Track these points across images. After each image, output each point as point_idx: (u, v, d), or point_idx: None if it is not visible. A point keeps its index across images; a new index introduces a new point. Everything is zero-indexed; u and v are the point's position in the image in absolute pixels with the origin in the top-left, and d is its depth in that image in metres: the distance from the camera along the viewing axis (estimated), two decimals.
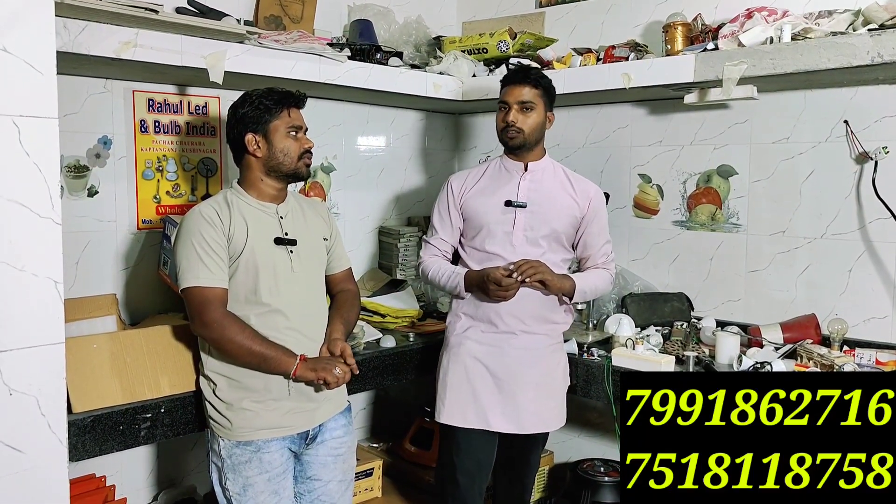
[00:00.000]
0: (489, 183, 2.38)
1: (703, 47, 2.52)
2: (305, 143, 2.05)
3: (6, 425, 1.49)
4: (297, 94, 2.06)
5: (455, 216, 2.40)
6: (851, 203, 2.54)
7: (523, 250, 2.29)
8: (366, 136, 3.36)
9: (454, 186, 2.41)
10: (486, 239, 2.33)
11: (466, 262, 2.38)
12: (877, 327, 2.50)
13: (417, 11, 3.35)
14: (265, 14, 2.80)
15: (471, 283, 2.30)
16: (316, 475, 2.10)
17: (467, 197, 2.38)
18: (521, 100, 2.28)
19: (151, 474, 2.73)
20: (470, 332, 2.34)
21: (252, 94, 2.02)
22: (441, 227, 2.43)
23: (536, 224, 2.31)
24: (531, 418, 2.31)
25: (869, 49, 2.11)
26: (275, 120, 1.99)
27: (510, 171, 2.37)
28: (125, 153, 2.57)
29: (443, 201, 2.43)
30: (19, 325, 1.49)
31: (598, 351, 2.55)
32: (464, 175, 2.45)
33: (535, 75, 2.32)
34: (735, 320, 2.77)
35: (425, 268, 2.43)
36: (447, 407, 2.31)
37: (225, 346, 1.92)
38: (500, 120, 2.33)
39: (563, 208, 2.34)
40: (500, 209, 2.32)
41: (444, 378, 2.35)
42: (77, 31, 1.99)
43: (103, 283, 2.53)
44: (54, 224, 1.52)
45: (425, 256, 2.45)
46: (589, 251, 2.41)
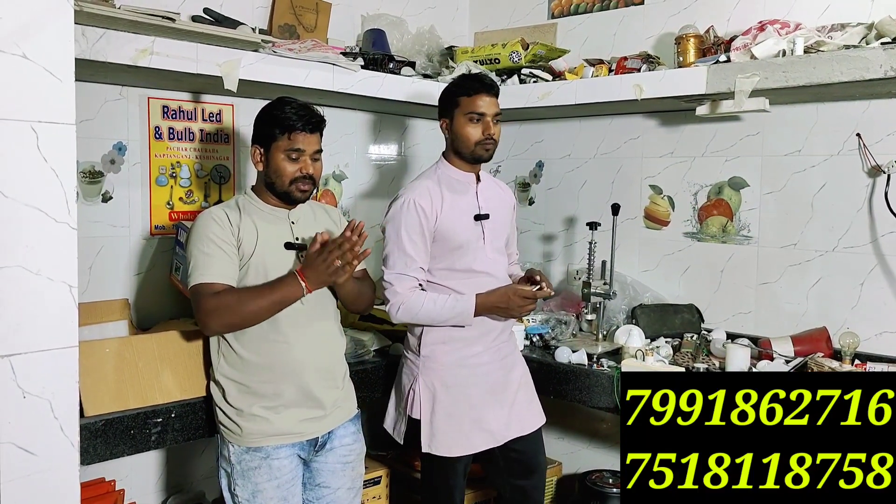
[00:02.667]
0: (451, 197, 2.23)
1: (715, 59, 2.52)
2: (306, 167, 1.98)
3: (20, 428, 1.50)
4: (313, 121, 1.99)
5: (428, 239, 2.18)
6: (864, 216, 2.53)
7: (496, 261, 2.30)
8: (377, 144, 3.37)
9: (424, 207, 2.16)
10: (468, 257, 2.22)
11: (444, 286, 2.21)
12: (889, 341, 2.49)
13: (430, 21, 3.37)
14: (279, 23, 2.82)
15: (484, 306, 2.18)
16: (325, 482, 2.10)
17: (442, 217, 2.18)
18: (496, 111, 2.24)
19: (160, 479, 2.73)
20: (466, 360, 2.24)
21: (275, 106, 2.00)
22: (416, 254, 2.16)
23: (497, 233, 2.32)
24: (530, 415, 2.36)
25: (882, 62, 2.11)
26: (277, 140, 1.97)
27: (463, 183, 2.28)
28: (139, 159, 2.59)
29: (413, 225, 2.15)
30: (34, 328, 1.50)
31: (607, 362, 2.54)
32: (425, 192, 2.20)
33: (498, 86, 2.29)
34: (745, 333, 2.76)
35: (411, 305, 2.14)
36: (455, 440, 2.21)
37: (237, 321, 1.88)
38: (474, 132, 2.20)
39: (506, 213, 2.39)
40: (471, 224, 2.24)
41: (445, 412, 2.21)
42: (95, 39, 2.02)
43: (116, 288, 2.55)
44: (70, 229, 1.53)
45: (403, 291, 2.15)
46: (511, 248, 2.48)
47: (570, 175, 3.33)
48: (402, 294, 2.16)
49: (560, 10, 3.36)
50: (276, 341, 1.98)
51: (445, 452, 2.22)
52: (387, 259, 2.21)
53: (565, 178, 3.34)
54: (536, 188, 3.48)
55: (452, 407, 2.22)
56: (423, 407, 2.23)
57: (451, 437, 2.22)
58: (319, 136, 2.04)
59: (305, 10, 2.89)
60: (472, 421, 2.24)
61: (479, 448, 2.26)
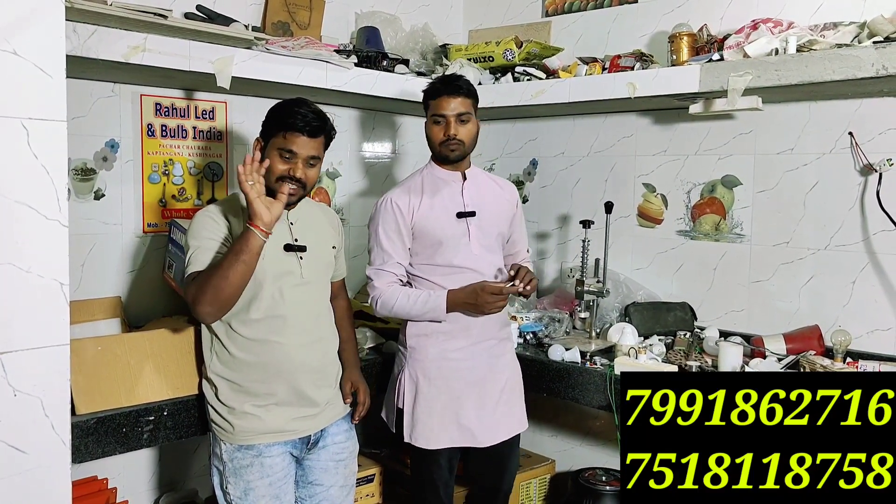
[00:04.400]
0: (432, 196, 2.29)
1: (708, 58, 2.53)
2: (295, 169, 1.94)
3: (10, 426, 1.49)
4: (314, 125, 1.96)
5: (406, 235, 2.26)
6: (856, 214, 2.54)
7: (483, 258, 2.31)
8: (371, 142, 3.37)
9: (400, 204, 2.25)
10: (448, 253, 2.26)
11: (428, 281, 2.27)
12: (880, 339, 2.50)
13: (424, 19, 3.36)
14: (273, 20, 2.82)
15: (455, 303, 2.21)
16: (317, 480, 2.10)
17: (418, 215, 2.25)
18: (459, 112, 2.25)
19: (153, 477, 2.73)
20: (447, 353, 2.27)
21: (289, 101, 1.99)
22: (393, 250, 2.25)
23: (486, 230, 2.33)
24: (508, 421, 2.35)
25: (874, 61, 2.12)
26: (276, 136, 1.96)
27: (448, 182, 2.32)
28: (132, 157, 2.58)
29: (389, 223, 2.25)
30: (24, 325, 1.50)
31: (600, 360, 2.54)
32: (404, 192, 2.29)
33: (467, 85, 2.29)
34: (738, 330, 2.77)
35: (387, 299, 2.23)
36: (434, 432, 2.25)
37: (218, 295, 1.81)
38: (437, 133, 2.26)
39: (502, 210, 2.40)
40: (454, 221, 2.27)
41: (426, 404, 2.26)
42: (87, 36, 2.01)
43: (108, 286, 2.54)
44: (61, 226, 1.53)
45: (381, 286, 2.25)
46: (517, 247, 2.49)
47: (564, 173, 3.34)
48: (380, 288, 2.26)
49: (554, 9, 3.36)
50: (268, 341, 1.97)
51: (424, 444, 2.26)
52: (369, 255, 2.32)
53: (559, 176, 3.35)
54: (530, 186, 3.48)
55: (434, 400, 2.26)
56: (405, 398, 2.29)
57: (430, 429, 2.26)
58: (322, 143, 2.00)
59: (299, 7, 2.88)
60: (452, 414, 2.27)
61: (457, 443, 2.28)
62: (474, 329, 2.28)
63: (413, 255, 2.29)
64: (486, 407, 2.30)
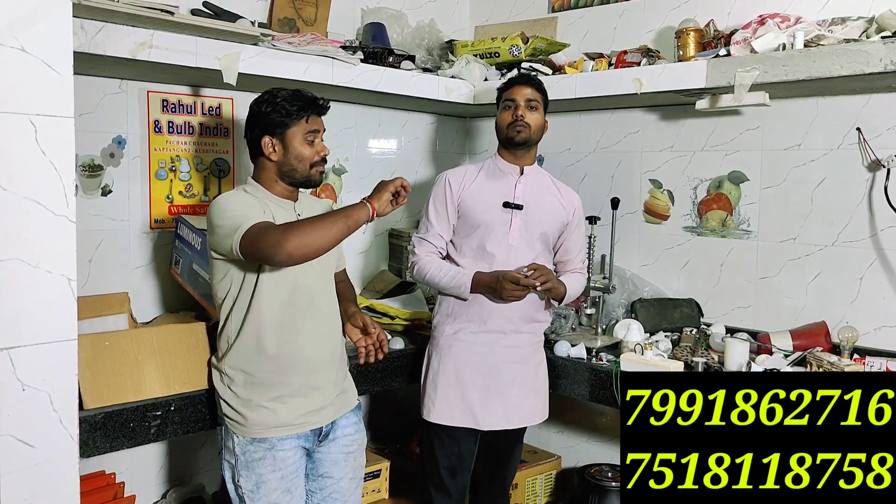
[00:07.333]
0: (486, 182, 2.39)
1: (715, 53, 2.52)
2: (321, 149, 2.02)
3: (19, 420, 1.50)
4: (320, 103, 2.03)
5: (452, 212, 2.39)
6: (863, 211, 2.53)
7: (519, 251, 2.35)
8: (377, 138, 3.37)
9: (452, 182, 2.39)
10: (484, 237, 2.35)
11: (457, 260, 2.38)
12: (888, 336, 2.49)
13: (430, 15, 3.36)
14: (279, 16, 2.82)
15: (479, 284, 2.30)
16: (328, 472, 2.11)
17: (465, 194, 2.37)
18: (529, 98, 2.35)
19: (160, 472, 2.74)
20: (461, 333, 2.36)
21: (276, 94, 1.99)
22: (437, 223, 2.40)
23: (530, 226, 2.36)
24: (518, 413, 2.38)
25: (882, 56, 2.11)
26: (293, 126, 1.97)
27: (505, 173, 2.40)
28: (139, 153, 2.59)
29: (439, 196, 2.40)
30: (33, 321, 1.51)
31: (606, 356, 2.54)
32: (461, 172, 2.44)
33: (538, 81, 2.42)
34: (744, 327, 2.76)
35: (423, 267, 2.39)
36: (437, 406, 2.35)
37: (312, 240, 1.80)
38: (506, 117, 2.36)
39: (553, 213, 2.42)
40: (499, 209, 2.35)
41: (433, 378, 2.38)
42: (94, 32, 2.01)
43: (115, 282, 2.55)
44: (69, 222, 1.54)
45: (421, 253, 2.41)
46: (569, 255, 2.50)
47: (570, 169, 3.33)
48: (419, 256, 2.42)
49: (560, 4, 3.36)
50: (286, 330, 1.98)
51: (425, 415, 2.38)
52: (419, 224, 2.51)
53: (565, 172, 3.34)
54: None
55: (441, 375, 2.36)
56: (425, 374, 2.43)
57: (433, 402, 2.36)
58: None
59: (305, 3, 2.88)
60: (456, 394, 2.33)
61: (459, 422, 2.33)
62: (493, 317, 2.33)
63: (455, 232, 2.41)
64: (491, 394, 2.33)
